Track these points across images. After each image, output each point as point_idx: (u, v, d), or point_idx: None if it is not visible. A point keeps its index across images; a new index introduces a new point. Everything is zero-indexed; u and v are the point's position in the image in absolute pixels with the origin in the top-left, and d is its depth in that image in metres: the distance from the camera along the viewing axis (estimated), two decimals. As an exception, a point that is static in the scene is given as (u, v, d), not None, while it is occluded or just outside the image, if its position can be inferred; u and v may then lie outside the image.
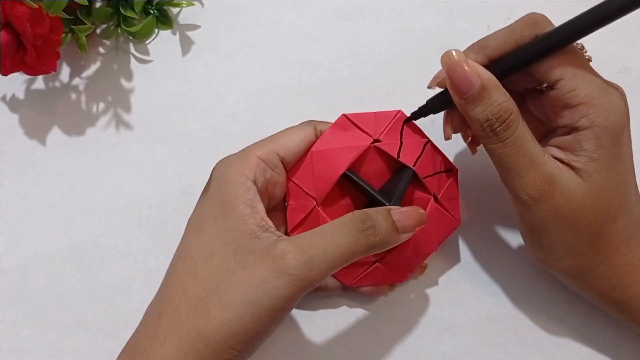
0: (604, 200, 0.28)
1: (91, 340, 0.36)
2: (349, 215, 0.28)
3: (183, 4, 0.41)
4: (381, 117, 0.33)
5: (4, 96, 0.41)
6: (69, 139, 0.40)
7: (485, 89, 0.28)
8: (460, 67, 0.28)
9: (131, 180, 0.39)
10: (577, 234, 0.29)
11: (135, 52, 0.42)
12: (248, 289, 0.26)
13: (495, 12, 0.41)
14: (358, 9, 0.42)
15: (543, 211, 0.28)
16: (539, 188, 0.28)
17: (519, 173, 0.28)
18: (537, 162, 0.28)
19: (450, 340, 0.35)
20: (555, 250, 0.30)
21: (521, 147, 0.28)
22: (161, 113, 0.40)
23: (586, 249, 0.29)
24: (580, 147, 0.28)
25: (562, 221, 0.28)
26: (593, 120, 0.28)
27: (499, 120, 0.28)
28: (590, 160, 0.28)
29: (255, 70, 0.41)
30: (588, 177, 0.28)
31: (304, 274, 0.26)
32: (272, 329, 0.27)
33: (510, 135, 0.28)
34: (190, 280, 0.28)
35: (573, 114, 0.28)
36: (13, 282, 0.37)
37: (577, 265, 0.30)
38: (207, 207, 0.30)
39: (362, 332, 0.36)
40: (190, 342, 0.26)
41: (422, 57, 0.40)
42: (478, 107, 0.28)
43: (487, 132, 0.28)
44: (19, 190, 0.39)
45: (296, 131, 0.32)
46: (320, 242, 0.26)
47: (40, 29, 0.35)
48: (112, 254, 0.37)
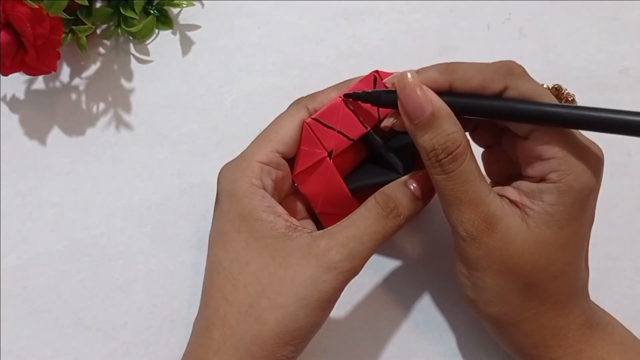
0: (547, 256, 0.27)
1: (91, 340, 0.36)
2: (372, 200, 0.29)
3: (183, 4, 0.41)
4: None
5: (4, 96, 0.41)
6: (69, 139, 0.40)
7: (436, 117, 0.27)
8: (413, 91, 0.27)
9: (131, 180, 0.39)
10: (510, 281, 0.27)
11: (135, 52, 0.42)
12: (298, 287, 0.27)
13: (495, 12, 0.41)
14: (358, 9, 0.42)
15: (479, 250, 0.27)
16: (477, 226, 0.27)
17: (459, 208, 0.27)
18: (479, 200, 0.27)
19: (450, 340, 0.35)
20: (486, 293, 0.28)
21: (465, 182, 0.27)
22: (161, 113, 0.40)
23: (517, 299, 0.28)
24: (540, 197, 0.27)
25: (497, 264, 0.27)
26: (562, 176, 0.26)
27: (445, 151, 0.27)
28: (544, 212, 0.26)
29: (255, 70, 0.41)
30: (535, 228, 0.27)
31: (348, 265, 0.27)
32: (324, 320, 0.28)
33: (455, 168, 0.27)
34: (232, 290, 0.28)
35: (544, 166, 0.27)
36: (13, 282, 0.37)
37: (504, 315, 0.28)
38: (225, 221, 0.30)
39: (361, 331, 0.36)
40: (246, 348, 0.27)
41: (422, 57, 0.40)
42: (426, 135, 0.27)
43: (432, 162, 0.27)
44: (19, 190, 0.39)
45: (289, 120, 0.31)
46: (356, 233, 0.28)
47: (41, 29, 0.35)
48: (112, 254, 0.37)
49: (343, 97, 0.31)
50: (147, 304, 0.36)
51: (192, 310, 0.36)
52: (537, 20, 0.41)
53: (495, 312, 0.29)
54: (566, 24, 0.41)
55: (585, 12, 0.41)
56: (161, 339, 0.36)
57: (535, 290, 0.27)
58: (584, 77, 0.40)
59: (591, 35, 0.41)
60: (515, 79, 0.27)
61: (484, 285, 0.28)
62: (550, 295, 0.28)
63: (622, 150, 0.38)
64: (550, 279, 0.27)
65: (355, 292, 0.36)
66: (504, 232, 0.27)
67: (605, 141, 0.30)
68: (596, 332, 0.28)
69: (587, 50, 0.40)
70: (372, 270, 0.36)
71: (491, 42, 0.41)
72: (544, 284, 0.27)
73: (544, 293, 0.27)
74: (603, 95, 0.39)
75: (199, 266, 0.37)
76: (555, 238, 0.27)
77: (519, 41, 0.41)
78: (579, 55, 0.40)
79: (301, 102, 0.32)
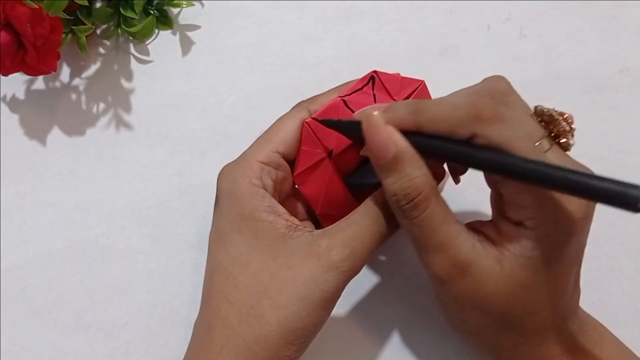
0: (522, 295, 0.26)
1: (91, 340, 0.36)
2: (373, 199, 0.29)
3: (183, 4, 0.41)
4: (406, 83, 0.32)
5: (4, 96, 0.41)
6: (69, 139, 0.40)
7: (398, 160, 0.26)
8: (376, 131, 0.26)
9: (131, 180, 0.39)
10: (487, 318, 0.27)
11: (135, 52, 0.42)
12: (300, 287, 0.27)
13: (495, 12, 0.41)
14: (358, 9, 0.42)
15: (451, 292, 0.27)
16: (447, 271, 0.26)
17: (427, 252, 0.26)
18: (447, 245, 0.26)
19: (450, 340, 0.35)
20: (462, 326, 0.29)
21: (430, 228, 0.26)
22: (161, 113, 0.40)
23: (494, 332, 0.27)
24: (518, 241, 0.25)
25: (472, 302, 0.27)
26: (538, 225, 0.25)
27: (406, 197, 0.26)
28: (522, 256, 0.25)
29: (255, 70, 0.41)
30: (510, 270, 0.25)
31: (349, 264, 0.27)
32: (326, 318, 0.28)
33: (418, 215, 0.26)
34: (232, 291, 0.28)
35: (520, 212, 0.25)
36: (13, 282, 0.37)
37: (483, 344, 0.29)
38: (226, 222, 0.30)
39: (362, 331, 0.36)
40: (248, 349, 0.27)
41: (422, 57, 0.40)
42: (389, 178, 0.26)
43: (395, 207, 0.27)
44: (19, 190, 0.39)
45: (290, 121, 0.31)
46: (358, 233, 0.28)
47: (41, 29, 0.35)
48: (112, 254, 0.37)
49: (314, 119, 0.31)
50: (147, 304, 0.36)
51: (192, 311, 0.36)
52: (537, 20, 0.41)
53: (474, 341, 0.29)
54: (566, 24, 0.41)
55: (586, 12, 0.41)
56: (161, 339, 0.36)
57: (513, 324, 0.27)
58: (584, 77, 0.40)
59: (591, 35, 0.41)
60: (484, 126, 0.24)
61: (459, 320, 0.28)
62: (528, 329, 0.27)
63: (622, 150, 0.38)
64: (528, 315, 0.27)
65: (355, 292, 0.36)
66: (476, 275, 0.26)
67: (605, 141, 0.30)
68: (581, 357, 0.28)
69: (587, 50, 0.40)
70: (372, 270, 0.36)
71: (491, 42, 0.41)
72: (521, 319, 0.27)
73: (521, 326, 0.27)
74: (603, 96, 0.39)
75: (199, 266, 0.37)
76: (531, 280, 0.26)
77: (519, 41, 0.41)
78: (579, 55, 0.40)
79: (302, 104, 0.32)
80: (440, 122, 0.25)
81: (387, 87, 0.32)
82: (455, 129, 0.25)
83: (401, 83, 0.32)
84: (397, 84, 0.32)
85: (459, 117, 0.25)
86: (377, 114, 0.26)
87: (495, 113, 0.25)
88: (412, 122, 0.26)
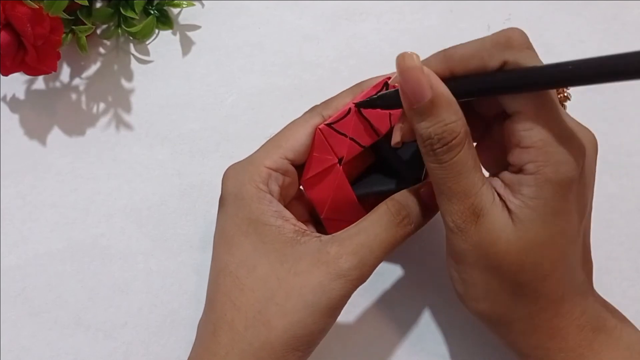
0: (533, 253, 0.25)
1: (91, 340, 0.36)
2: (384, 208, 0.29)
3: (183, 5, 0.41)
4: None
5: (4, 96, 0.41)
6: (69, 139, 0.40)
7: (435, 104, 0.25)
8: (413, 74, 0.25)
9: (131, 180, 0.39)
10: (498, 279, 0.26)
11: (135, 52, 0.42)
12: (307, 294, 0.27)
13: (495, 12, 0.41)
14: (358, 9, 0.42)
15: (465, 243, 0.26)
16: (466, 218, 0.26)
17: (449, 198, 0.26)
18: (470, 192, 0.26)
19: (450, 340, 0.35)
20: (474, 289, 0.27)
21: (458, 173, 0.26)
22: (161, 113, 0.40)
23: (507, 298, 0.27)
24: (519, 190, 0.25)
25: (484, 260, 0.26)
26: (539, 167, 0.25)
27: (440, 141, 0.25)
28: (525, 206, 0.25)
29: (255, 70, 0.41)
30: (519, 223, 0.25)
31: (357, 273, 0.27)
32: (331, 325, 0.28)
33: (449, 159, 0.26)
34: (239, 295, 0.28)
35: (522, 155, 0.25)
36: (13, 282, 0.37)
37: (494, 313, 0.27)
38: (232, 224, 0.29)
39: (362, 332, 0.35)
40: (254, 353, 0.27)
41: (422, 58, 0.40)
42: (424, 122, 0.26)
43: (427, 150, 0.26)
44: (19, 190, 0.39)
45: (302, 128, 0.30)
46: (366, 241, 0.28)
47: (41, 29, 0.35)
48: (112, 254, 0.37)
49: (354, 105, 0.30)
50: (147, 304, 0.36)
51: (192, 311, 0.36)
52: (537, 20, 0.41)
53: (485, 309, 0.28)
54: (567, 25, 0.41)
55: (586, 13, 0.41)
56: (161, 339, 0.36)
57: (526, 289, 0.26)
58: (584, 77, 0.40)
59: (592, 36, 0.41)
60: (514, 53, 0.25)
61: (472, 280, 0.27)
62: (542, 295, 0.26)
63: (622, 150, 0.38)
64: (540, 278, 0.26)
65: (356, 294, 0.36)
66: (489, 227, 0.26)
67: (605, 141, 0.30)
68: (600, 335, 0.27)
69: (587, 50, 0.40)
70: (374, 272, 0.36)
71: (491, 42, 0.41)
72: (534, 284, 0.26)
73: (535, 293, 0.26)
74: (603, 96, 0.39)
75: (199, 266, 0.37)
76: (540, 235, 0.25)
77: (519, 41, 0.41)
78: (579, 55, 0.40)
79: (316, 109, 0.31)
80: (471, 58, 0.25)
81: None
82: (485, 62, 0.25)
83: None
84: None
85: (489, 48, 0.25)
86: (415, 55, 0.26)
87: (525, 40, 0.25)
88: (444, 69, 0.26)
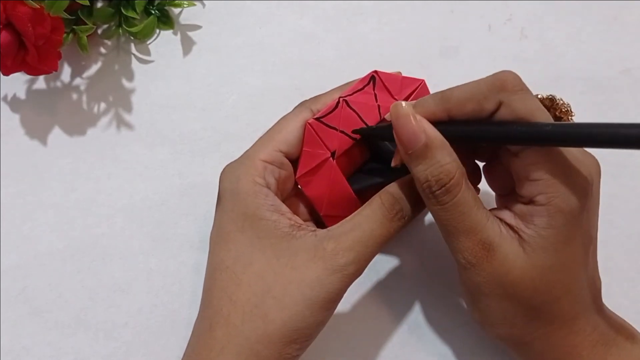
0: (546, 279, 0.27)
1: (91, 340, 0.36)
2: (378, 202, 0.29)
3: (184, 4, 0.41)
4: (407, 82, 0.32)
5: (5, 96, 0.41)
6: (70, 139, 0.40)
7: (429, 147, 0.26)
8: (406, 120, 0.27)
9: (132, 180, 0.39)
10: (513, 305, 0.27)
11: (136, 52, 0.42)
12: (305, 288, 0.27)
13: (496, 12, 0.41)
14: (359, 9, 0.42)
15: (479, 277, 0.27)
16: (476, 254, 0.27)
17: (457, 237, 0.27)
18: (477, 229, 0.27)
19: (450, 340, 0.35)
20: (491, 316, 0.28)
21: (461, 212, 0.27)
22: (162, 113, 0.40)
23: (523, 321, 0.28)
24: (532, 221, 0.27)
25: (499, 289, 0.27)
26: (550, 199, 0.26)
27: (438, 183, 0.26)
28: (538, 236, 0.26)
29: (256, 70, 0.41)
30: (532, 252, 0.26)
31: (353, 268, 0.28)
32: (328, 318, 0.29)
33: (449, 200, 0.26)
34: (235, 289, 0.28)
35: (532, 187, 0.26)
36: (13, 282, 0.37)
37: (513, 336, 0.29)
38: (228, 220, 0.30)
39: (362, 332, 0.35)
40: (250, 347, 0.27)
41: (422, 58, 0.40)
42: (420, 166, 0.27)
43: (426, 194, 0.27)
44: (19, 190, 0.39)
45: (293, 121, 0.31)
46: (362, 237, 0.28)
47: (42, 29, 0.35)
48: (113, 254, 0.37)
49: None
50: (147, 304, 0.36)
51: (192, 311, 0.36)
52: (538, 21, 0.41)
53: (503, 333, 0.29)
54: (567, 25, 0.41)
55: (587, 13, 0.41)
56: (161, 339, 0.36)
57: (541, 312, 0.27)
58: (585, 78, 0.40)
59: (592, 36, 0.41)
60: (509, 95, 0.26)
61: (488, 309, 0.28)
62: (557, 316, 0.27)
63: (622, 150, 0.38)
64: (554, 300, 0.27)
65: (355, 292, 0.36)
66: (502, 258, 0.27)
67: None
68: (612, 348, 0.28)
69: (588, 51, 0.40)
70: (372, 270, 0.36)
71: (492, 43, 0.41)
72: (548, 305, 0.27)
73: (549, 314, 0.27)
74: (604, 96, 0.39)
75: (200, 266, 0.37)
76: (552, 261, 0.26)
77: (520, 42, 0.41)
78: (580, 56, 0.40)
79: (305, 103, 0.32)
80: (468, 101, 0.26)
81: (387, 86, 0.32)
82: (482, 104, 0.26)
83: (401, 82, 0.32)
84: (398, 83, 0.32)
85: (483, 91, 0.26)
86: (405, 104, 0.27)
87: (518, 82, 0.26)
88: (441, 110, 0.27)
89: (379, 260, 0.37)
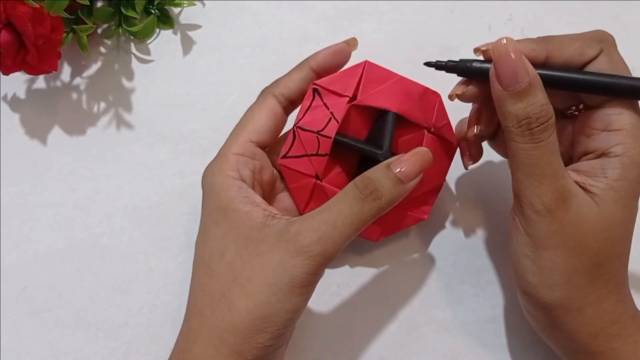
0: (614, 234, 0.27)
1: (91, 340, 0.36)
2: (350, 184, 0.28)
3: (184, 4, 0.41)
4: (349, 72, 0.32)
5: (5, 96, 0.41)
6: (70, 138, 0.40)
7: (533, 86, 0.27)
8: (510, 57, 0.27)
9: (132, 180, 0.39)
10: (579, 261, 0.27)
11: (136, 52, 0.42)
12: (268, 273, 0.27)
13: (496, 12, 0.41)
14: (359, 9, 0.42)
15: (553, 225, 0.27)
16: (555, 200, 0.27)
17: (540, 179, 0.27)
18: (559, 174, 0.27)
19: (450, 340, 0.35)
20: (553, 275, 0.28)
21: (552, 153, 0.27)
22: (162, 113, 0.40)
23: (583, 281, 0.28)
24: (603, 174, 0.27)
25: (569, 242, 0.27)
26: (627, 149, 0.27)
27: (539, 120, 0.27)
28: (610, 188, 0.27)
29: (256, 70, 0.41)
30: (603, 204, 0.27)
31: (318, 248, 0.27)
32: (300, 306, 0.28)
33: (545, 138, 0.27)
34: (208, 281, 0.28)
35: (610, 138, 0.27)
36: (13, 282, 0.37)
37: (568, 299, 0.28)
38: (204, 215, 0.31)
39: (362, 332, 0.35)
40: (219, 336, 0.27)
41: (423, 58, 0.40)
42: (520, 103, 0.27)
43: (522, 130, 0.27)
44: (19, 190, 0.39)
45: (259, 109, 0.32)
46: (329, 217, 0.27)
47: (42, 29, 0.35)
48: (113, 253, 0.37)
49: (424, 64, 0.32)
50: (147, 304, 0.36)
51: (192, 310, 0.36)
52: (538, 20, 0.41)
53: (559, 297, 0.28)
54: (567, 25, 0.41)
55: (587, 13, 0.41)
56: (161, 339, 0.36)
57: (601, 271, 0.28)
58: (585, 77, 0.40)
59: (592, 36, 0.41)
60: (608, 46, 0.28)
61: (552, 266, 0.28)
62: (612, 277, 0.28)
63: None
64: (614, 259, 0.28)
65: (354, 292, 0.36)
66: (577, 208, 0.27)
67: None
68: None
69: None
70: (372, 270, 0.36)
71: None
72: (609, 264, 0.28)
73: (608, 274, 0.28)
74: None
75: (200, 266, 0.37)
76: (620, 215, 0.27)
77: (520, 42, 0.41)
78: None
79: (267, 90, 0.33)
80: (568, 47, 0.28)
81: (332, 90, 0.32)
82: (584, 50, 0.28)
83: (344, 77, 0.32)
84: (341, 81, 0.32)
85: (586, 39, 0.28)
86: (507, 40, 0.27)
87: (614, 40, 0.28)
88: (541, 51, 0.28)
89: (378, 260, 0.37)
